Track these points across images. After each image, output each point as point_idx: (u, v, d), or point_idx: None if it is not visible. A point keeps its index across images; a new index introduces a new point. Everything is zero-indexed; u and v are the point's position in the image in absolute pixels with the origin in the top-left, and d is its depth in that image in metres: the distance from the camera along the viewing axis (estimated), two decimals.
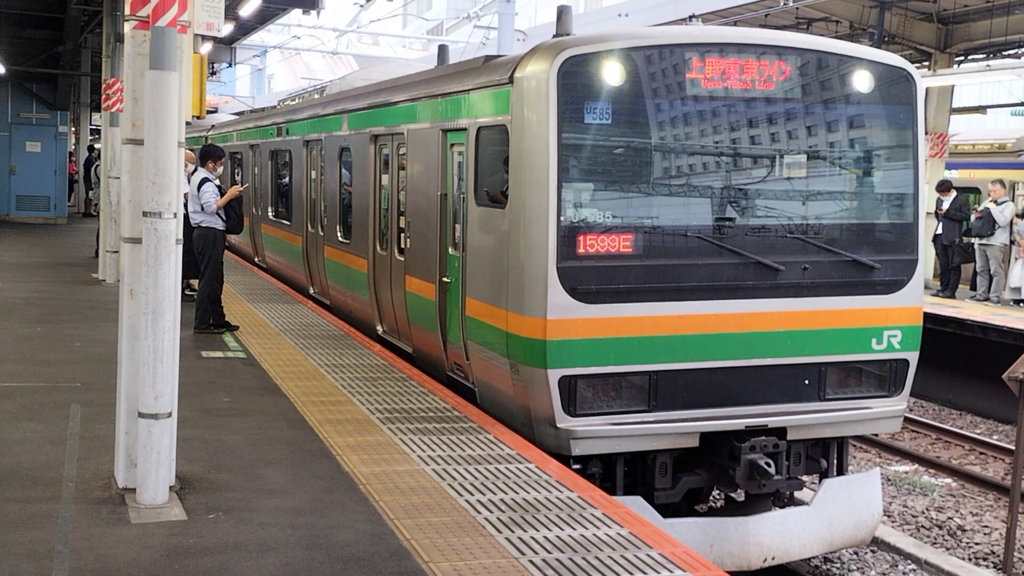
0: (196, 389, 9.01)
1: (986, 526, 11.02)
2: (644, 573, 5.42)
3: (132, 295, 6.38)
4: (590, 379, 7.89)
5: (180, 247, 6.38)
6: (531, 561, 5.50)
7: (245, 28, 24.68)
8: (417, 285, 10.34)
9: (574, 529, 6.01)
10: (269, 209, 18.49)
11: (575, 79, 7.80)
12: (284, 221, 17.18)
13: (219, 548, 5.57)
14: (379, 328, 12.00)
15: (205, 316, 11.96)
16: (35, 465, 6.92)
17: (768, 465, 8.04)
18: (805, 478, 9.15)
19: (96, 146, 32.83)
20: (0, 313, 13.19)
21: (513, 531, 5.93)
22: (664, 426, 8.02)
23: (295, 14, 26.21)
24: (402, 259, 10.84)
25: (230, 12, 17.64)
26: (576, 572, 5.39)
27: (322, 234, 14.53)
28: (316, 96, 17.74)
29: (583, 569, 5.43)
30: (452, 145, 9.51)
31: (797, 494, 9.34)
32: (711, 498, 9.87)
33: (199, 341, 11.44)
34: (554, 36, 8.39)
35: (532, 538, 5.84)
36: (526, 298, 7.86)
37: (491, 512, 6.24)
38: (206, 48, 19.05)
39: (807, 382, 8.49)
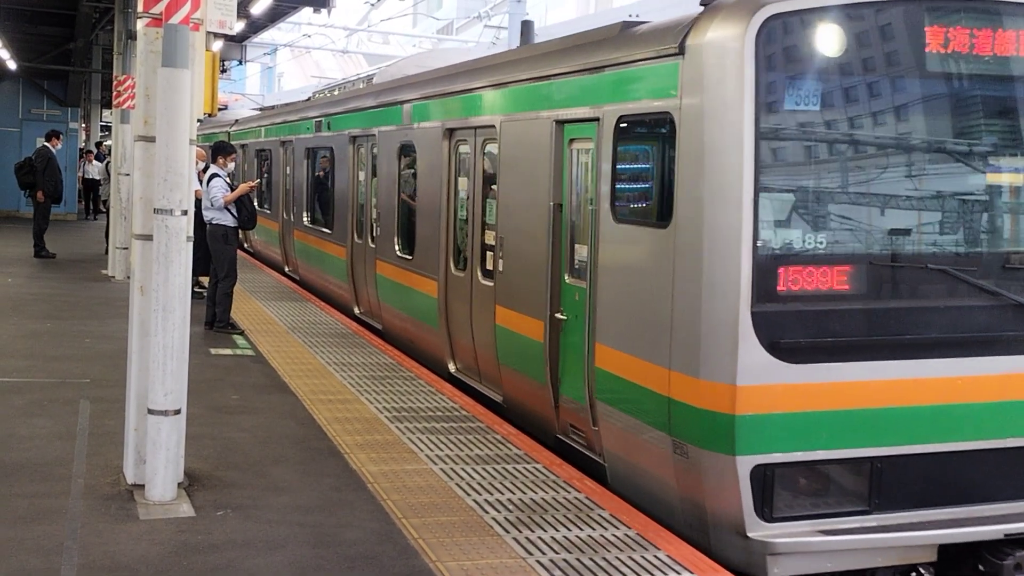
0: (205, 386, 9.02)
1: None
2: (651, 574, 5.41)
3: (143, 292, 6.39)
4: (794, 469, 5.88)
5: (191, 244, 6.39)
6: (538, 561, 5.50)
7: (256, 26, 24.72)
8: (513, 319, 8.36)
9: (582, 529, 6.01)
10: (304, 214, 16.42)
11: (779, 48, 5.83)
12: (323, 229, 15.15)
13: (227, 545, 5.58)
14: (452, 366, 10.00)
15: (224, 314, 11.98)
16: (44, 460, 6.94)
17: None
18: None
19: (106, 143, 32.90)
20: (10, 309, 13.23)
21: (521, 531, 5.93)
22: (891, 536, 5.91)
23: (306, 12, 26.24)
24: (490, 284, 8.84)
25: (241, 10, 17.68)
26: (583, 572, 5.39)
27: (373, 246, 12.46)
28: (362, 86, 15.81)
29: (590, 570, 5.43)
30: (572, 141, 7.56)
31: None
32: None
33: (208, 338, 11.47)
34: None
35: (539, 538, 5.84)
36: (704, 355, 5.84)
37: (499, 512, 6.24)
38: (217, 45, 19.11)
39: None
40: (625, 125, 6.77)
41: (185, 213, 6.11)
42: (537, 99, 8.09)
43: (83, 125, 33.90)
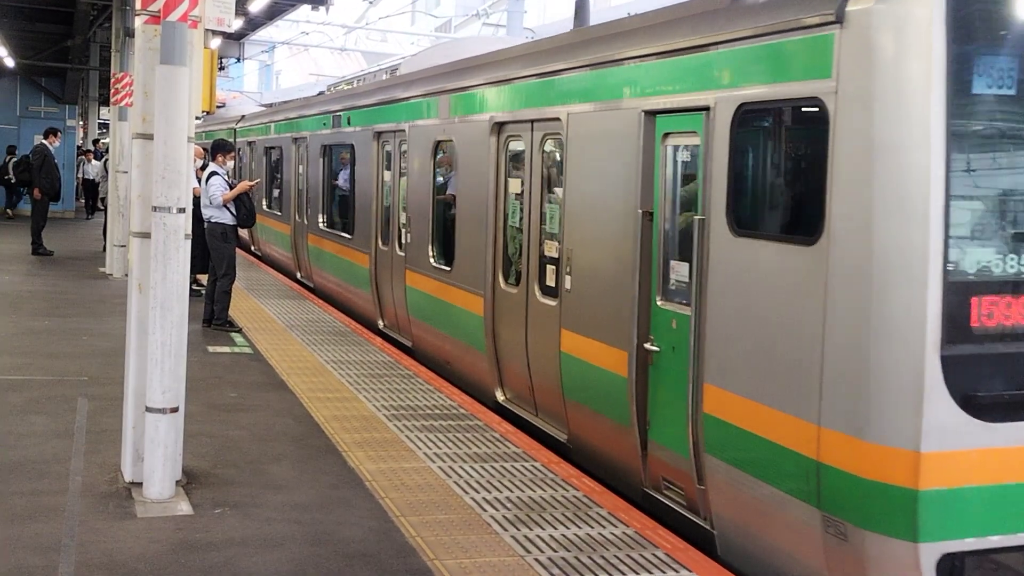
0: (203, 384, 9.02)
1: None
2: (650, 572, 5.41)
3: (141, 290, 6.38)
4: (990, 560, 4.75)
5: (189, 242, 6.38)
6: (537, 559, 5.50)
7: (254, 23, 24.69)
8: (584, 347, 7.19)
9: (580, 528, 6.00)
10: (319, 216, 15.31)
11: (978, 14, 4.67)
12: (342, 233, 14.02)
13: (225, 543, 5.57)
14: (501, 395, 8.89)
15: (223, 312, 11.97)
16: (42, 458, 6.93)
17: None
18: None
19: (104, 140, 32.87)
20: (7, 306, 13.22)
21: (519, 529, 5.93)
22: None
23: (304, 10, 26.23)
24: (552, 304, 7.67)
25: (240, 7, 17.66)
26: (582, 571, 5.39)
27: (402, 254, 11.31)
28: (385, 77, 14.97)
29: (589, 568, 5.42)
30: (667, 135, 6.35)
31: None
32: None
33: (206, 336, 11.46)
34: None
35: (538, 536, 5.83)
36: (874, 410, 4.65)
37: (497, 510, 6.24)
38: (216, 43, 19.08)
39: None
40: (748, 115, 5.54)
41: (183, 211, 6.10)
42: (617, 86, 6.82)
43: (81, 123, 33.90)
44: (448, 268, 9.90)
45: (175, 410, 6.24)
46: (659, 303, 6.37)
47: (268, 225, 19.08)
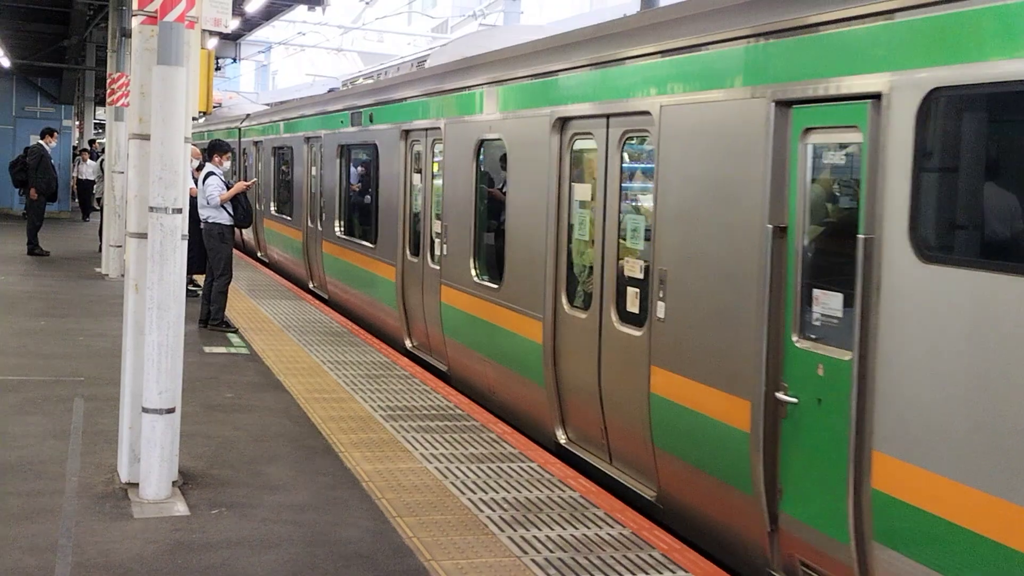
0: (199, 384, 9.02)
1: None
2: (646, 573, 5.42)
3: (137, 290, 6.38)
4: None
5: (185, 243, 6.38)
6: (533, 560, 5.50)
7: (251, 24, 24.71)
8: (684, 390, 6.01)
9: (576, 528, 6.01)
10: (336, 222, 14.29)
11: None
12: (362, 242, 12.92)
13: (221, 544, 5.57)
14: (563, 435, 7.78)
15: (219, 312, 11.96)
16: (38, 459, 6.92)
17: None
18: None
19: (99, 140, 32.83)
20: (3, 307, 13.21)
21: (515, 530, 5.93)
22: None
23: (300, 10, 26.24)
24: (637, 334, 6.55)
25: (236, 7, 17.65)
26: (578, 571, 5.39)
27: (435, 267, 10.22)
28: (412, 69, 14.03)
29: (585, 568, 5.43)
30: (808, 131, 5.11)
31: None
32: None
33: (203, 337, 11.46)
34: None
35: (534, 537, 5.84)
36: None
37: (493, 511, 6.24)
38: (212, 43, 19.06)
39: None
40: (944, 104, 4.29)
41: (180, 211, 6.10)
42: (736, 70, 5.57)
43: (77, 123, 33.87)
44: (495, 285, 8.73)
45: (171, 410, 6.24)
46: (796, 342, 5.13)
47: (277, 230, 18.45)
